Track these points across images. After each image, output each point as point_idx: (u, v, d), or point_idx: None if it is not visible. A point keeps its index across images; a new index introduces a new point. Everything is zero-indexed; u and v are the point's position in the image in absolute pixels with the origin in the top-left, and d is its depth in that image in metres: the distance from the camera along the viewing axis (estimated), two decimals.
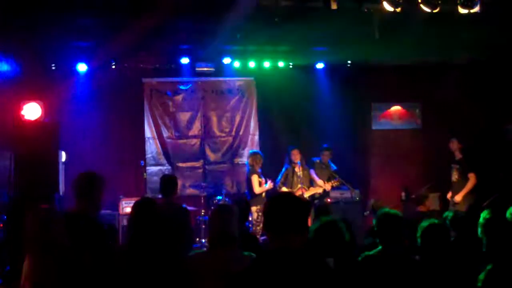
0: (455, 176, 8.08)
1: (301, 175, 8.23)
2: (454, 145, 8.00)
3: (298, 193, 8.04)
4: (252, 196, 7.91)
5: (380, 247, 3.50)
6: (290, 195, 2.57)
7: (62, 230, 3.50)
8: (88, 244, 3.58)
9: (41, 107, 7.03)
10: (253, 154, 8.27)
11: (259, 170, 8.13)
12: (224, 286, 2.43)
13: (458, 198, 7.59)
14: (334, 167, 8.54)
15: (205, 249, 3.49)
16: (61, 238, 3.47)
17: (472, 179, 7.79)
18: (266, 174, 9.12)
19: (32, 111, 6.94)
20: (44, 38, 7.80)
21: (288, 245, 2.28)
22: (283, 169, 8.48)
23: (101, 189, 4.02)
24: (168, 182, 5.58)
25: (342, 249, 3.31)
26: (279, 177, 8.45)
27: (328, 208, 6.34)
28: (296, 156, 8.34)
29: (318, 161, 8.66)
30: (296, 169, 8.26)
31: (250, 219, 7.75)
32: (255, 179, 7.98)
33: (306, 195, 8.12)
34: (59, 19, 7.04)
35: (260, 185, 7.98)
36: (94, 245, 3.61)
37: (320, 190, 8.33)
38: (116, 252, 3.58)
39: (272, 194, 7.99)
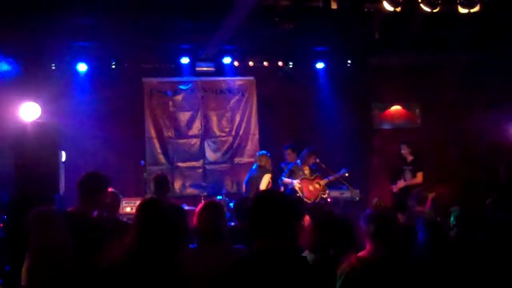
0: (408, 177, 8.62)
1: (307, 173, 8.34)
2: (405, 150, 8.73)
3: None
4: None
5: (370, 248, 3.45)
6: (275, 194, 2.48)
7: (63, 232, 3.50)
8: (89, 244, 3.59)
9: (41, 107, 7.03)
10: (264, 155, 8.27)
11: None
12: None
13: (395, 189, 8.46)
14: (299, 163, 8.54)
15: (194, 246, 3.45)
16: (63, 240, 3.47)
17: (419, 177, 8.47)
18: None
19: (32, 111, 6.94)
20: (44, 38, 7.81)
21: (272, 247, 2.24)
22: (290, 165, 8.48)
23: (106, 190, 4.05)
24: (160, 181, 5.58)
25: None
26: (285, 172, 8.46)
27: (322, 207, 6.35)
28: (290, 156, 8.43)
29: (284, 165, 8.68)
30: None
31: None
32: (267, 178, 7.99)
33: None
34: (59, 19, 7.04)
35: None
36: (95, 244, 3.61)
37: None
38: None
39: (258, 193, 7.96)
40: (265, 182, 7.97)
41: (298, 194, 8.10)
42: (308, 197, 8.18)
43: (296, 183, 8.18)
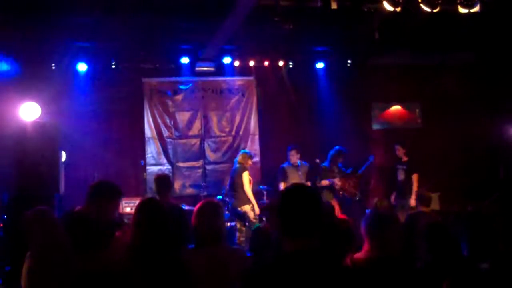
0: (401, 176, 8.71)
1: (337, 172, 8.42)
2: (400, 151, 8.81)
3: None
4: (241, 194, 7.91)
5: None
6: (305, 190, 2.27)
7: (61, 231, 3.50)
8: (91, 244, 3.60)
9: (41, 107, 7.03)
10: (243, 154, 8.28)
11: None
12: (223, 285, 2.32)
13: (413, 202, 8.19)
14: (305, 163, 8.48)
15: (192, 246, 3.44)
16: (62, 239, 3.47)
17: (415, 179, 8.49)
18: (266, 174, 9.13)
19: (32, 111, 6.94)
20: (44, 38, 7.80)
21: (305, 247, 2.12)
22: (321, 169, 8.42)
23: (116, 201, 4.11)
24: (162, 181, 5.58)
25: None
26: (316, 176, 8.43)
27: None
28: (294, 156, 8.36)
29: (286, 165, 8.53)
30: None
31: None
32: (246, 175, 7.98)
33: None
34: (59, 19, 7.04)
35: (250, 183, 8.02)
36: (97, 244, 3.63)
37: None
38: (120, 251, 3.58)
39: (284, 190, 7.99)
40: (246, 180, 7.96)
41: (341, 192, 8.21)
42: (351, 192, 8.36)
43: (336, 181, 8.29)
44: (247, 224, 7.94)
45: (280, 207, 2.22)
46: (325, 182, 8.30)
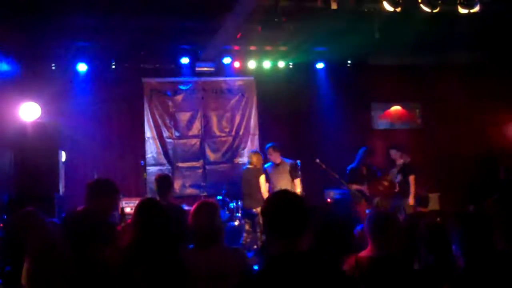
0: (398, 177, 8.50)
1: (365, 173, 8.18)
2: (396, 154, 8.63)
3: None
4: (258, 196, 7.76)
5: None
6: (288, 194, 2.39)
7: (49, 230, 3.50)
8: (91, 243, 3.61)
9: (41, 107, 7.04)
10: (257, 154, 8.15)
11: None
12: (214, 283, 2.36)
13: (411, 201, 8.14)
14: (287, 160, 8.24)
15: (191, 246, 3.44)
16: (57, 238, 3.47)
17: (412, 181, 8.33)
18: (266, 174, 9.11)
19: (32, 111, 6.95)
20: (44, 38, 7.81)
21: (293, 249, 2.17)
22: (348, 169, 8.27)
23: (114, 198, 4.13)
24: (162, 181, 5.58)
25: None
26: (346, 179, 8.21)
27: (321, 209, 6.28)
28: (272, 155, 8.10)
29: (269, 166, 8.22)
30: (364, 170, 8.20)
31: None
32: (263, 178, 7.84)
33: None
34: (59, 19, 7.05)
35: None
36: (100, 243, 3.64)
37: None
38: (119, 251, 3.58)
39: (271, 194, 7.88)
40: (263, 183, 7.81)
41: (375, 200, 7.99)
42: (379, 196, 8.08)
43: (364, 189, 8.05)
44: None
45: (264, 211, 2.34)
46: (355, 186, 8.04)
